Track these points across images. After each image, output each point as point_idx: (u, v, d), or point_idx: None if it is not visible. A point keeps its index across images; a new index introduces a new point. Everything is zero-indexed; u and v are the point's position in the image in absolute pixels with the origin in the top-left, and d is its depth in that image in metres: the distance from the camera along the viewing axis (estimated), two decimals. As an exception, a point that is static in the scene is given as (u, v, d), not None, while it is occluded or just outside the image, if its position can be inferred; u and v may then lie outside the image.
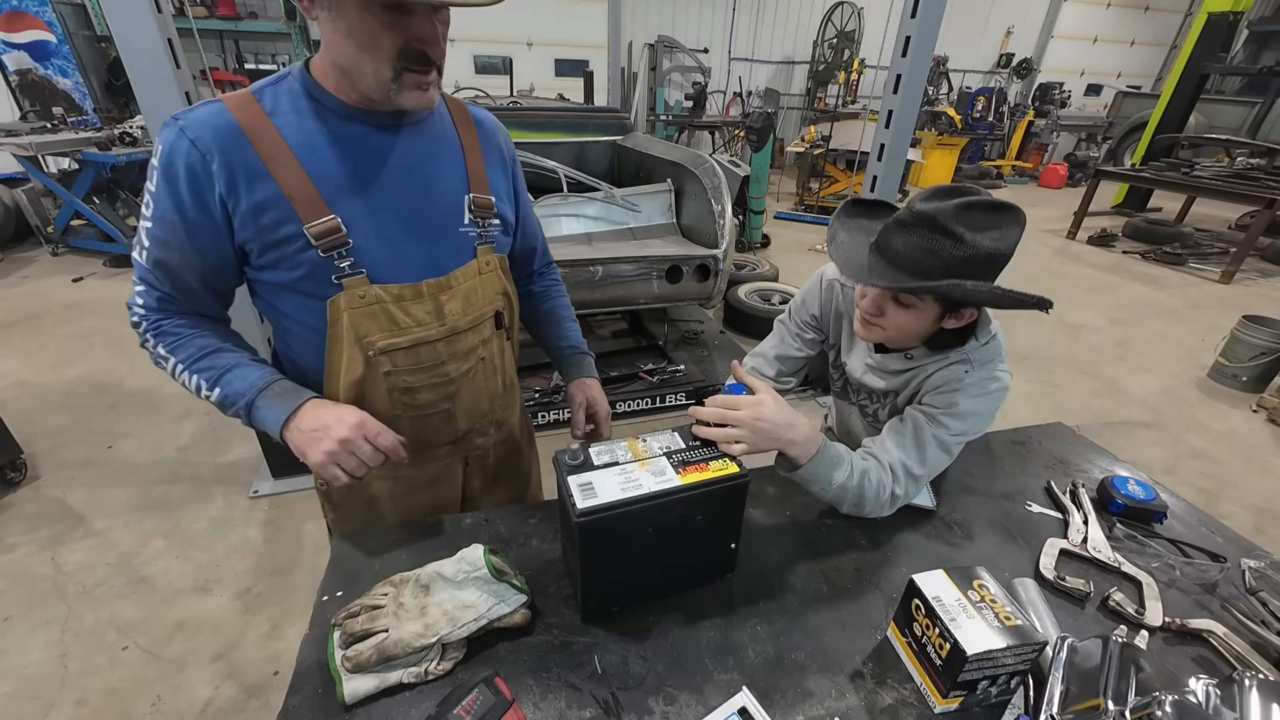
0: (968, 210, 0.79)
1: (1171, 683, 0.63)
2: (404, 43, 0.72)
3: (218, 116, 0.75)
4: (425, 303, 0.89)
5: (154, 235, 0.78)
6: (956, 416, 0.92)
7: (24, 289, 4.47)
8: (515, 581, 0.78)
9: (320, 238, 0.78)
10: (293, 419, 0.80)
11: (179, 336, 0.83)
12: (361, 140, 0.82)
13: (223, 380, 0.81)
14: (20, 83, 6.47)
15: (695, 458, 0.77)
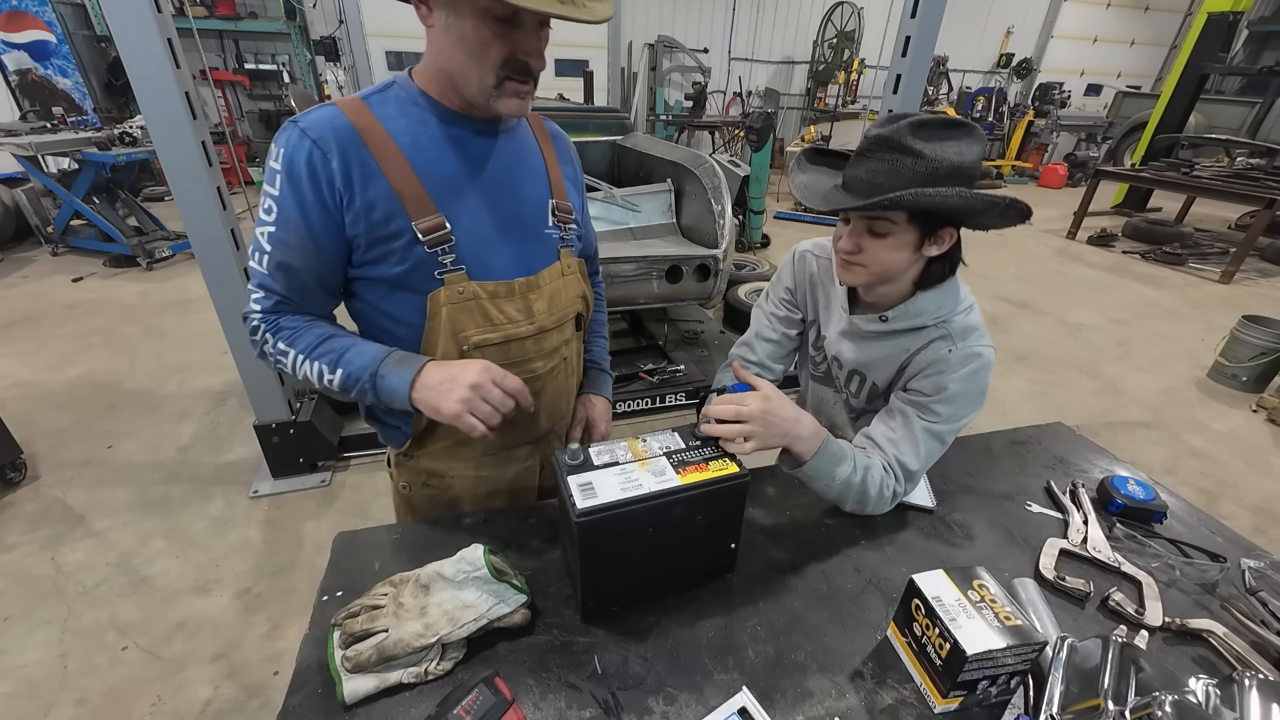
0: (923, 127, 0.79)
1: (1171, 683, 0.63)
2: (509, 53, 0.77)
3: (335, 118, 0.80)
4: (516, 300, 0.93)
5: (277, 238, 0.81)
6: (946, 401, 0.91)
7: (24, 289, 4.47)
8: (515, 581, 0.78)
9: (427, 234, 0.83)
10: (418, 378, 0.81)
11: (296, 329, 0.85)
12: (462, 143, 0.87)
13: (343, 360, 0.82)
14: (20, 83, 6.47)
15: (695, 458, 0.77)
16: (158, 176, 6.92)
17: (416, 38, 7.19)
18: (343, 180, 0.79)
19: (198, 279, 2.21)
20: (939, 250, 0.87)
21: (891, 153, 0.80)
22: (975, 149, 0.80)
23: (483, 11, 0.72)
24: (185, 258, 5.07)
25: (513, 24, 0.74)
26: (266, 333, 0.84)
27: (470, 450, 1.02)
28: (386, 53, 8.60)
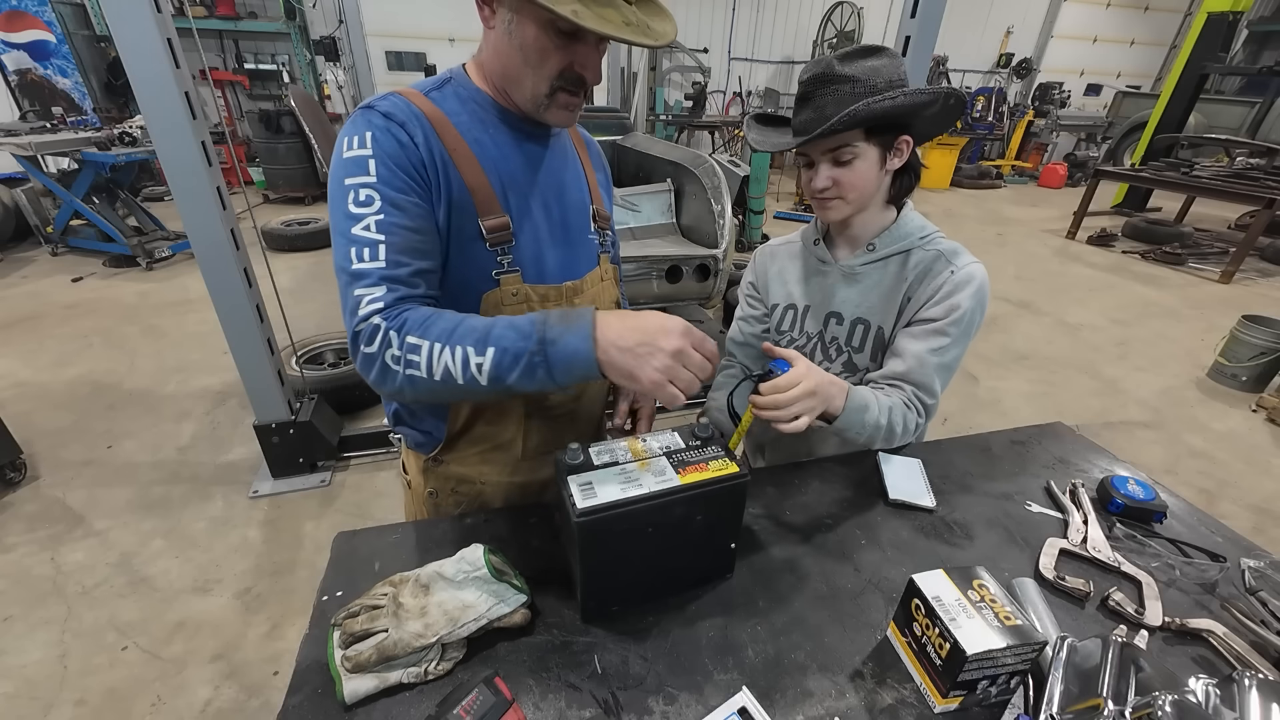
0: (848, 56, 0.87)
1: (1171, 682, 0.63)
2: (567, 64, 0.76)
3: (409, 106, 0.78)
4: (563, 304, 0.92)
5: (389, 224, 0.73)
6: (957, 322, 0.96)
7: (23, 289, 4.47)
8: (515, 581, 0.78)
9: (491, 233, 0.82)
10: (598, 334, 0.70)
11: (425, 319, 0.73)
12: (518, 145, 0.86)
13: (492, 337, 0.70)
14: (20, 82, 6.47)
15: (695, 458, 0.77)
16: (157, 176, 6.92)
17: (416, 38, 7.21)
18: (429, 166, 0.77)
19: (197, 279, 2.21)
20: (900, 161, 0.95)
21: (829, 85, 0.88)
22: (897, 63, 0.88)
23: (547, 22, 0.72)
24: (185, 258, 5.07)
25: (575, 37, 0.74)
26: (391, 331, 0.72)
27: (505, 454, 1.00)
28: (386, 53, 8.60)
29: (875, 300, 1.03)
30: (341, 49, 7.83)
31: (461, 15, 8.56)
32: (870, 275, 1.03)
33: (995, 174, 10.13)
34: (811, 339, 1.11)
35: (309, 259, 5.30)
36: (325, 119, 3.80)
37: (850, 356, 1.08)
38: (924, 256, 1.00)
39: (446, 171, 0.78)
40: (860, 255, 1.02)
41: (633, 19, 0.74)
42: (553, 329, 0.70)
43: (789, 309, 1.13)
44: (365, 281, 0.73)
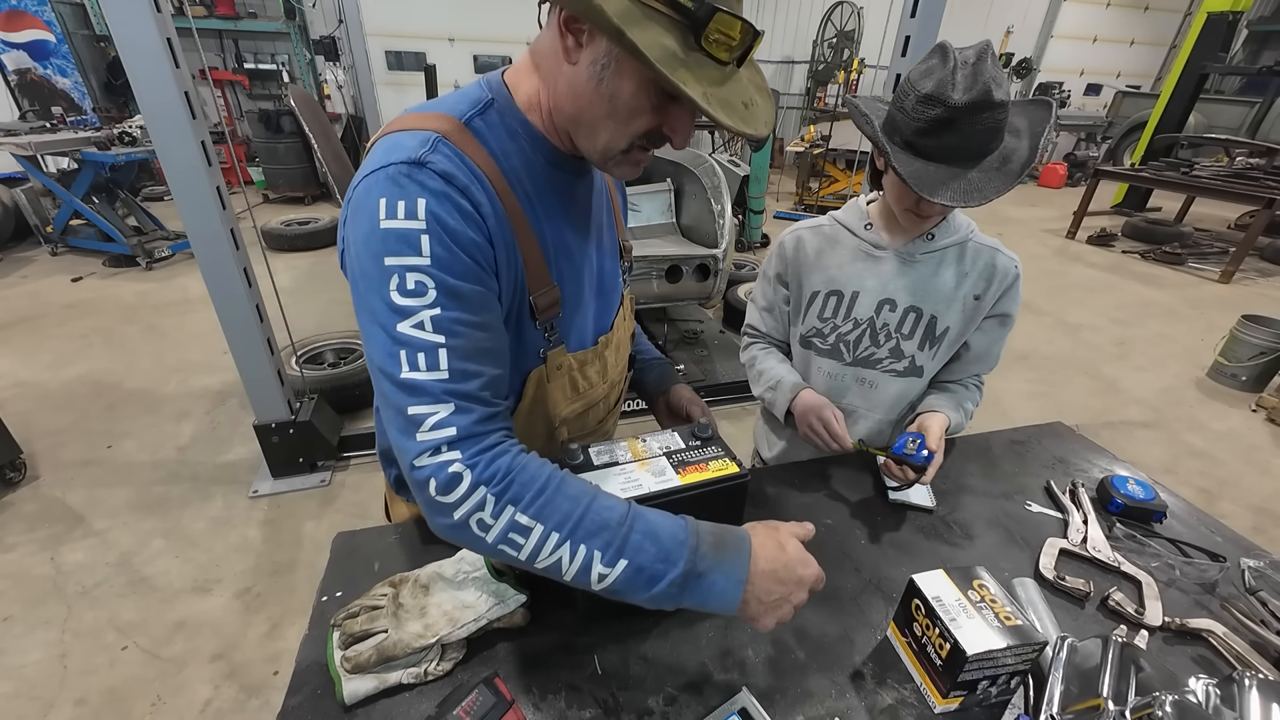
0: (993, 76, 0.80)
1: (1171, 682, 0.63)
2: (656, 126, 0.63)
3: (460, 160, 0.61)
4: (596, 363, 0.85)
5: (447, 321, 0.57)
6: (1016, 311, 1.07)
7: (23, 289, 4.47)
8: (514, 581, 0.78)
9: (543, 310, 0.70)
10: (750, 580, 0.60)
11: (536, 487, 0.57)
12: (565, 191, 0.72)
13: (629, 546, 0.57)
14: (19, 82, 6.47)
15: (695, 458, 0.77)
16: (157, 176, 6.92)
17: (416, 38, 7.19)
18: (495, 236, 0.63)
19: (197, 279, 2.21)
20: None
21: (989, 113, 0.81)
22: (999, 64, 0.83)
23: (650, 81, 0.58)
24: (185, 257, 5.07)
25: (674, 99, 0.60)
26: (485, 490, 0.56)
27: None
28: (386, 52, 8.60)
29: (932, 289, 1.05)
30: (341, 49, 7.82)
31: (462, 15, 8.56)
32: (928, 263, 1.04)
33: (995, 174, 10.11)
34: (860, 325, 1.09)
35: (309, 259, 5.29)
36: (325, 119, 3.80)
37: (899, 343, 1.09)
38: (980, 251, 1.04)
39: (508, 240, 0.64)
40: (920, 244, 1.03)
41: (748, 98, 0.62)
42: (704, 560, 0.58)
43: (832, 295, 1.10)
44: (424, 399, 0.57)
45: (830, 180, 7.35)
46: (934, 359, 1.09)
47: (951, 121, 0.82)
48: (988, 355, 1.11)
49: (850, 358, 1.12)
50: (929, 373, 1.11)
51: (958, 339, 1.08)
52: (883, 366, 1.11)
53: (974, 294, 1.04)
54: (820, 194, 7.39)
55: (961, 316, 1.05)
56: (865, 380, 1.13)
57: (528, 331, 0.72)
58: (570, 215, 0.74)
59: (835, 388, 1.15)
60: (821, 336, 1.13)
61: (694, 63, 0.56)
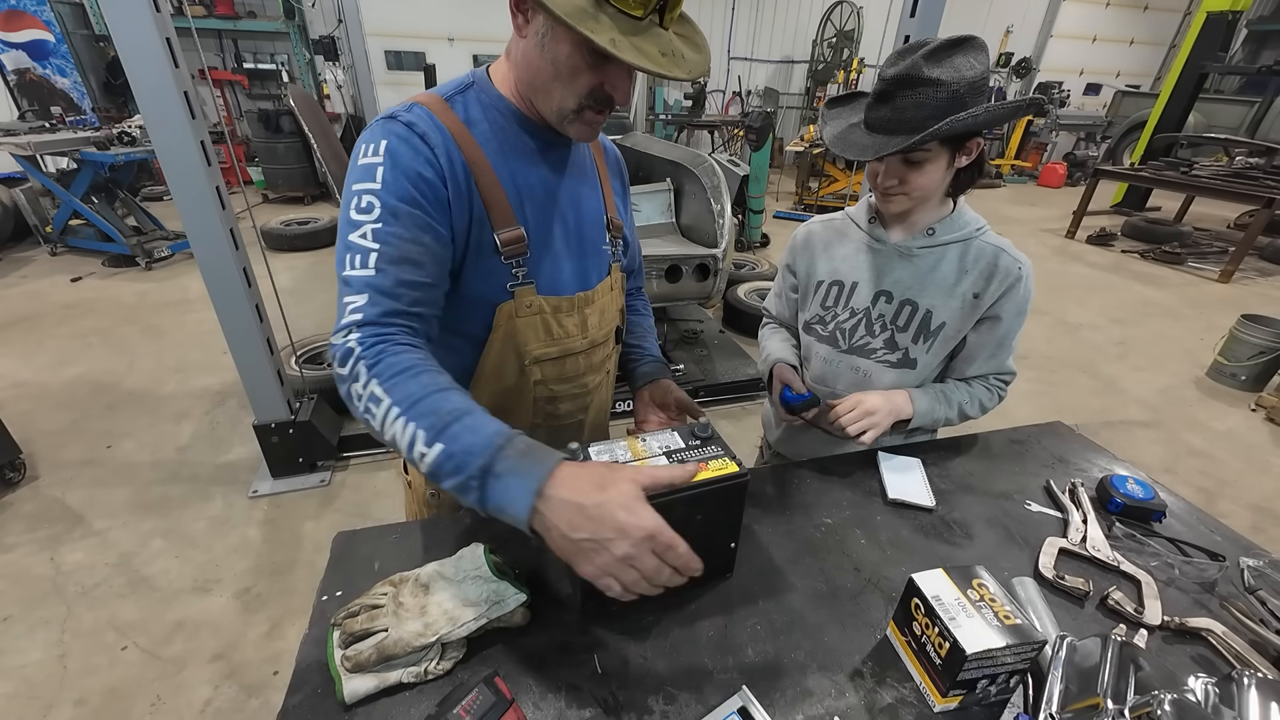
0: (934, 55, 0.84)
1: (1170, 681, 0.63)
2: (597, 84, 0.75)
3: (431, 118, 0.77)
4: (574, 315, 0.93)
5: (385, 233, 0.72)
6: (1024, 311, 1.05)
7: (22, 289, 4.47)
8: (515, 581, 0.78)
9: (506, 245, 0.81)
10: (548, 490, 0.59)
11: (399, 371, 0.67)
12: (538, 156, 0.85)
13: (447, 434, 0.62)
14: (18, 82, 6.46)
15: (694, 457, 0.77)
16: (156, 176, 6.92)
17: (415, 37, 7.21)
18: (450, 176, 0.77)
19: (197, 279, 2.21)
20: (969, 159, 0.95)
21: (914, 88, 0.85)
22: (982, 57, 0.86)
23: (581, 43, 0.70)
24: (184, 257, 5.07)
25: (608, 59, 0.70)
26: (362, 363, 0.67)
27: None
28: (385, 52, 8.60)
29: (929, 284, 1.05)
30: (341, 49, 7.82)
31: (461, 15, 8.56)
32: (926, 258, 1.05)
33: (995, 173, 10.14)
34: (857, 315, 1.12)
35: (308, 259, 5.29)
36: (325, 119, 3.80)
37: (894, 335, 1.10)
38: (984, 250, 1.03)
39: (468, 183, 0.78)
40: (919, 238, 1.04)
41: (669, 49, 0.72)
42: (506, 459, 0.60)
43: (835, 285, 1.14)
44: (350, 290, 0.71)
45: (830, 180, 7.35)
46: (929, 353, 1.10)
47: (884, 94, 0.89)
48: (990, 356, 1.10)
49: (846, 345, 1.15)
50: (924, 365, 1.11)
51: (955, 335, 1.08)
52: (876, 356, 1.13)
53: (973, 292, 1.04)
54: (820, 193, 7.39)
55: (959, 313, 1.06)
56: (859, 369, 1.15)
57: (493, 264, 0.82)
58: (541, 173, 0.85)
59: (830, 373, 1.19)
60: (822, 323, 1.17)
61: (608, 15, 0.67)
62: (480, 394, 0.91)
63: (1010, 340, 1.09)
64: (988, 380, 1.13)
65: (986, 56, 0.88)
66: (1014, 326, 1.07)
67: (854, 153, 0.94)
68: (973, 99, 0.85)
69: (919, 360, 1.11)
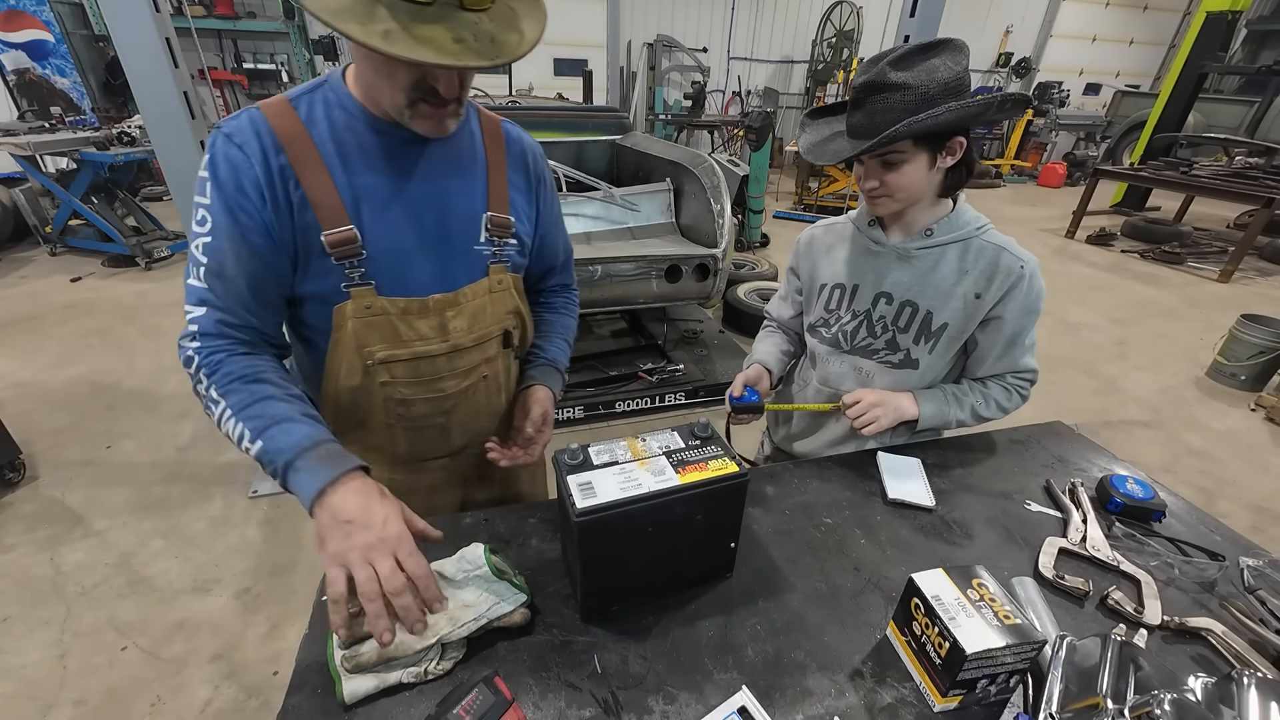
0: (902, 60, 0.85)
1: (1170, 681, 0.63)
2: (418, 78, 0.73)
3: (257, 123, 0.77)
4: (430, 318, 0.90)
5: (212, 248, 0.77)
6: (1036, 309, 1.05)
7: (22, 289, 4.46)
8: (515, 580, 0.78)
9: (335, 246, 0.80)
10: (329, 492, 0.68)
11: (233, 379, 0.76)
12: (389, 153, 0.83)
13: (267, 434, 0.73)
14: (18, 82, 6.46)
15: (694, 457, 0.77)
16: (156, 176, 6.91)
17: (415, 37, 7.17)
18: (266, 185, 0.77)
19: (196, 279, 2.20)
20: (954, 159, 0.95)
21: (880, 93, 0.86)
22: (958, 58, 0.87)
23: None
24: (184, 257, 5.05)
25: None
26: (203, 371, 0.76)
27: (380, 456, 0.99)
28: (385, 52, 8.59)
29: (929, 285, 1.05)
30: (340, 49, 7.82)
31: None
32: (925, 259, 1.05)
33: (994, 173, 10.13)
34: (858, 317, 1.13)
35: (308, 259, 5.29)
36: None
37: (895, 336, 1.10)
38: (985, 249, 1.03)
39: (288, 187, 0.78)
40: (917, 239, 1.04)
41: (471, 33, 0.66)
42: (306, 459, 0.71)
43: (837, 288, 1.15)
44: (190, 299, 0.78)
45: (830, 180, 7.35)
46: (931, 353, 1.09)
47: (857, 100, 0.90)
48: (1000, 355, 1.09)
49: (848, 346, 1.16)
50: (926, 366, 1.11)
51: (959, 335, 1.07)
52: (879, 358, 1.13)
53: (975, 292, 1.03)
54: (820, 193, 7.39)
55: (961, 314, 1.05)
56: (861, 369, 1.16)
57: (326, 265, 0.82)
58: (391, 173, 0.83)
59: (834, 374, 1.19)
60: (826, 325, 1.18)
61: (386, 6, 0.64)
62: (329, 390, 0.91)
63: (1022, 339, 1.08)
64: (1004, 380, 1.12)
65: (965, 57, 0.87)
66: (1024, 325, 1.06)
67: (820, 159, 0.96)
68: (946, 99, 0.85)
69: (921, 361, 1.11)
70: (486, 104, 4.42)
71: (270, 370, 0.80)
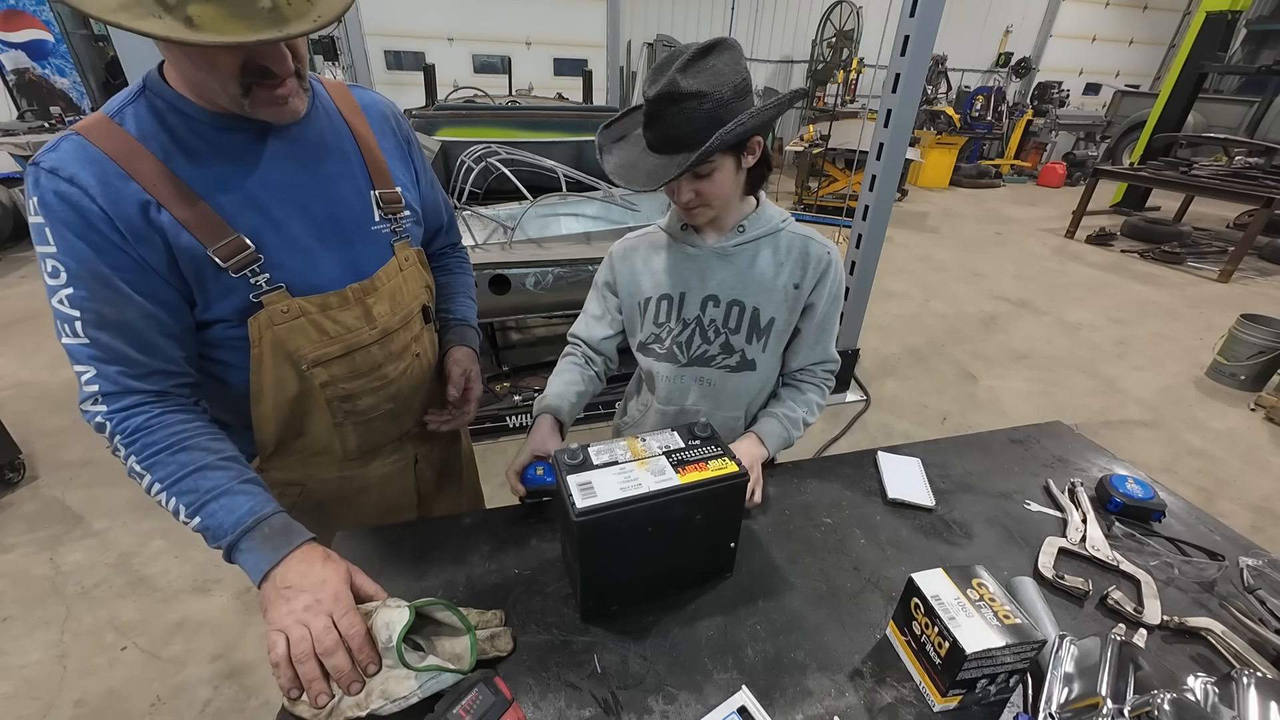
0: (689, 68, 0.83)
1: (1170, 681, 0.63)
2: (244, 60, 0.65)
3: (83, 150, 0.67)
4: (352, 308, 0.86)
5: (78, 299, 0.68)
6: (839, 296, 1.08)
7: (22, 289, 4.46)
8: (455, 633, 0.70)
9: (229, 258, 0.73)
10: (275, 568, 0.68)
11: (155, 448, 0.70)
12: (244, 150, 0.75)
13: (205, 510, 0.70)
14: (18, 82, 6.46)
15: (694, 457, 0.77)
16: (156, 176, 6.90)
17: (415, 37, 7.19)
18: (119, 218, 0.67)
19: (196, 279, 2.20)
20: (754, 159, 0.96)
21: (678, 105, 0.84)
22: (737, 56, 0.86)
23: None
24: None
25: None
26: (118, 438, 0.70)
27: (327, 456, 0.96)
28: (385, 52, 8.60)
29: (751, 281, 1.05)
30: (340, 48, 7.80)
31: (460, 15, 8.56)
32: (743, 256, 1.05)
33: (994, 173, 10.13)
34: (689, 325, 1.09)
35: (308, 259, 5.29)
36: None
37: (728, 338, 1.08)
38: (794, 240, 1.05)
39: (148, 214, 0.69)
40: (732, 237, 1.04)
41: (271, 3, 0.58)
42: (250, 539, 0.69)
43: (663, 299, 1.10)
44: (76, 360, 0.70)
45: (829, 180, 7.35)
46: (764, 351, 1.08)
47: (653, 115, 0.87)
48: (813, 344, 1.10)
49: (685, 358, 1.11)
50: (763, 365, 1.10)
51: (786, 329, 1.08)
52: (717, 363, 1.10)
53: (793, 283, 1.05)
54: (819, 193, 7.39)
55: (784, 306, 1.06)
56: (704, 379, 1.12)
57: (224, 281, 0.75)
58: (260, 171, 0.76)
59: (676, 390, 1.14)
60: (659, 341, 1.12)
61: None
62: (264, 409, 0.85)
63: (829, 326, 1.10)
64: (814, 374, 1.13)
65: (740, 55, 0.87)
66: (830, 312, 1.09)
67: (639, 183, 0.90)
68: (738, 102, 0.86)
69: (757, 361, 1.09)
70: (487, 104, 4.41)
71: (196, 433, 0.73)
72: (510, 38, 9.01)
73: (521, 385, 2.95)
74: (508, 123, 3.44)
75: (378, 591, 0.73)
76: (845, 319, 3.13)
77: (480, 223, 2.54)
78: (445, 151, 2.93)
